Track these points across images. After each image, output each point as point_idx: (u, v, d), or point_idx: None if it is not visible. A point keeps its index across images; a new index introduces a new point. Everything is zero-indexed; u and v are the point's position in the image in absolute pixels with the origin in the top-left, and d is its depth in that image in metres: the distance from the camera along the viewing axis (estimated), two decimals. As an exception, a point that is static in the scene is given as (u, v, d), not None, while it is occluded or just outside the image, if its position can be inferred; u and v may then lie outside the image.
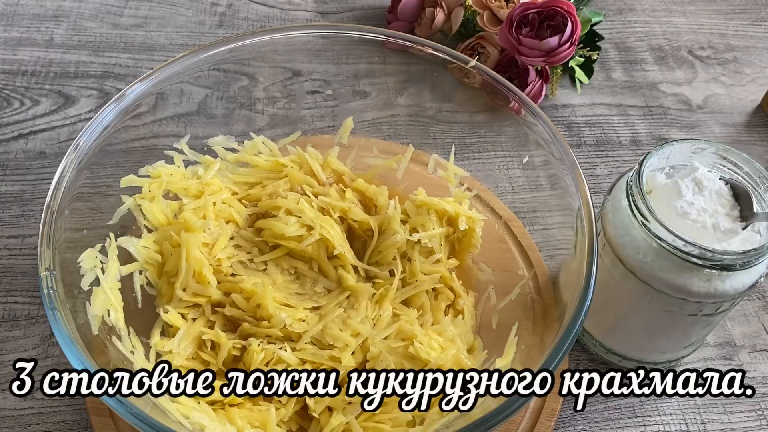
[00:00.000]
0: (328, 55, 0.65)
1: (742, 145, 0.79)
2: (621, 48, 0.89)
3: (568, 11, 0.72)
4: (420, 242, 0.58)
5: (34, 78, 0.78)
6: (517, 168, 0.60)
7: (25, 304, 0.60)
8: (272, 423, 0.49)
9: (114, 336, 0.48)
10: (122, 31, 0.85)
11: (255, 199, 0.61)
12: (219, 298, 0.54)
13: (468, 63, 0.57)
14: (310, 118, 0.66)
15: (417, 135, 0.65)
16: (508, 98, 0.55)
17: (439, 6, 0.81)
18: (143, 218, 0.55)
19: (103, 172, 0.52)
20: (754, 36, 0.93)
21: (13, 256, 0.63)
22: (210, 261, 0.55)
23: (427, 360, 0.51)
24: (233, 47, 0.57)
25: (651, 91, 0.84)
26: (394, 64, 0.64)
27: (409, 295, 0.57)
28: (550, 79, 0.79)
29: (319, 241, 0.57)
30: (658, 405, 0.58)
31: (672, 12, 0.96)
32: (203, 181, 0.58)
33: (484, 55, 0.78)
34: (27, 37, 0.83)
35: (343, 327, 0.53)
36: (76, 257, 0.48)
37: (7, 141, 0.72)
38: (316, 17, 0.90)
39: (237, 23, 0.88)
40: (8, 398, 0.55)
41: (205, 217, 0.56)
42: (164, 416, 0.44)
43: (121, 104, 0.52)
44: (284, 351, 0.51)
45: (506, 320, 0.55)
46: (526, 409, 0.54)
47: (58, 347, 0.58)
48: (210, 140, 0.61)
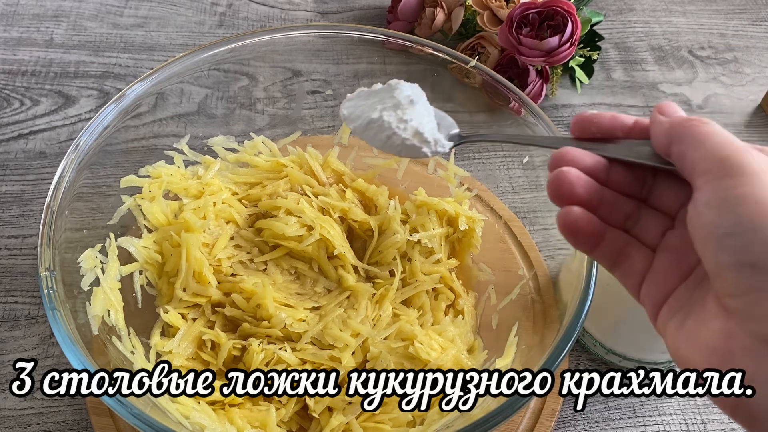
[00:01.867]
0: (328, 55, 0.64)
1: (742, 145, 0.79)
2: (621, 48, 0.89)
3: (568, 11, 0.72)
4: (420, 242, 0.58)
5: (34, 78, 0.78)
6: (517, 168, 0.60)
7: (25, 304, 0.60)
8: (272, 423, 0.49)
9: (114, 336, 0.48)
10: (122, 31, 0.85)
11: (255, 199, 0.61)
12: (219, 298, 0.54)
13: (468, 63, 0.57)
14: (310, 118, 0.66)
15: (417, 135, 0.65)
16: (508, 98, 0.55)
17: (439, 6, 0.81)
18: (143, 218, 0.55)
19: (103, 172, 0.52)
20: (754, 36, 0.93)
21: (13, 256, 0.63)
22: (210, 261, 0.55)
23: (427, 360, 0.51)
24: (233, 47, 0.57)
25: (651, 91, 0.84)
26: (394, 64, 0.64)
27: (409, 295, 0.57)
28: (550, 79, 0.79)
29: (319, 241, 0.57)
30: (658, 405, 0.58)
31: (672, 12, 0.96)
32: (203, 181, 0.58)
33: (484, 55, 0.78)
34: (27, 37, 0.83)
35: (343, 327, 0.53)
36: (76, 257, 0.48)
37: (7, 141, 0.72)
38: (316, 17, 0.90)
39: (237, 23, 0.88)
40: (8, 398, 0.55)
41: (205, 217, 0.56)
42: (164, 416, 0.44)
43: (121, 104, 0.52)
44: (284, 351, 0.51)
45: (506, 320, 0.55)
46: (526, 409, 0.54)
47: (58, 347, 0.58)
48: (210, 140, 0.61)
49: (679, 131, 0.31)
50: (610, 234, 0.34)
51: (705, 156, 0.30)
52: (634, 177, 0.35)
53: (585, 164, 0.34)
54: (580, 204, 0.34)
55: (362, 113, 0.44)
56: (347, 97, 0.46)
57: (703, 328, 0.29)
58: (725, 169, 0.29)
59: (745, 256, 0.27)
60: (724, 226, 0.28)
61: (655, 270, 0.33)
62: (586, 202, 0.34)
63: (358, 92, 0.45)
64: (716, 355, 0.28)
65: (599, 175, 0.35)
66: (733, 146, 0.29)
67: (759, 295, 0.27)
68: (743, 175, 0.28)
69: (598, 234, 0.34)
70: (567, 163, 0.35)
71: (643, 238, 0.35)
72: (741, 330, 0.27)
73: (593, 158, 0.35)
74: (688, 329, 0.30)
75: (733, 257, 0.27)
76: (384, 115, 0.43)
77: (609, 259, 0.35)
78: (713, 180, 0.29)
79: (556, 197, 0.34)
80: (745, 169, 0.28)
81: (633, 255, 0.34)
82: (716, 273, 0.29)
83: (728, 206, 0.28)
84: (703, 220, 0.29)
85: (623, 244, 0.35)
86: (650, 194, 0.35)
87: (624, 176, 0.35)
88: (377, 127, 0.43)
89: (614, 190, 0.35)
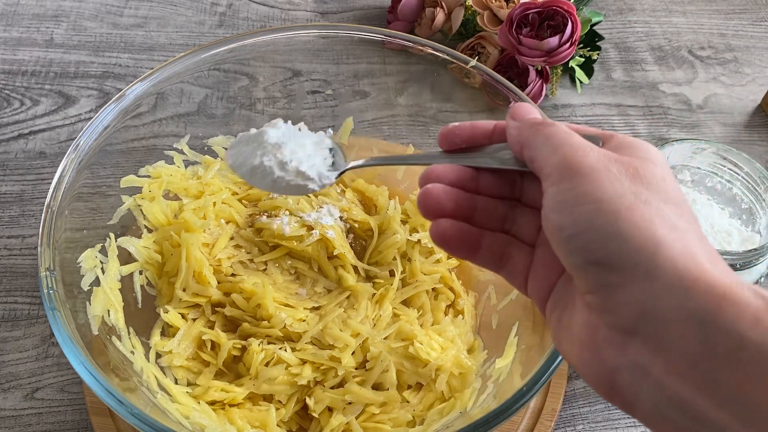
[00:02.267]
0: (328, 55, 0.64)
1: (742, 145, 0.79)
2: (621, 48, 0.89)
3: (568, 11, 0.72)
4: (420, 242, 0.58)
5: (34, 78, 0.78)
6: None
7: (25, 304, 0.60)
8: (272, 423, 0.49)
9: (114, 336, 0.48)
10: (122, 31, 0.85)
11: (255, 199, 0.61)
12: (219, 298, 0.54)
13: (468, 63, 0.57)
14: (310, 118, 0.66)
15: (417, 135, 0.65)
16: (508, 98, 0.55)
17: (439, 6, 0.81)
18: (143, 218, 0.55)
19: (103, 172, 0.52)
20: (754, 36, 0.93)
21: (13, 256, 0.63)
22: (210, 261, 0.55)
23: (427, 360, 0.51)
24: (233, 47, 0.57)
25: (651, 91, 0.84)
26: (394, 64, 0.64)
27: (409, 295, 0.57)
28: (550, 79, 0.79)
29: (319, 241, 0.57)
30: (658, 405, 0.58)
31: (672, 12, 0.95)
32: (203, 181, 0.58)
33: (484, 55, 0.78)
34: (27, 37, 0.83)
35: (343, 327, 0.53)
36: (76, 257, 0.48)
37: (7, 141, 0.72)
38: (316, 17, 0.90)
39: (237, 23, 0.88)
40: (8, 398, 0.55)
41: (205, 217, 0.56)
42: (164, 416, 0.44)
43: (121, 104, 0.52)
44: (284, 351, 0.51)
45: (506, 320, 0.55)
46: (526, 409, 0.54)
47: (58, 347, 0.58)
48: (210, 140, 0.61)
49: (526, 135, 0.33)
50: (487, 238, 0.36)
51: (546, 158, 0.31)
52: (504, 180, 0.36)
53: (451, 178, 0.36)
54: (450, 216, 0.35)
55: (245, 160, 0.44)
56: (231, 145, 0.47)
57: (574, 322, 0.31)
58: (562, 172, 0.30)
59: (589, 255, 0.28)
60: (567, 228, 0.29)
61: (536, 266, 0.35)
62: (456, 213, 0.35)
63: (239, 138, 0.46)
64: (586, 348, 0.30)
65: (468, 184, 0.36)
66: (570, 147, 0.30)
67: (608, 289, 0.28)
68: (579, 176, 0.29)
69: (472, 241, 0.35)
70: (433, 180, 0.36)
71: (522, 236, 0.36)
72: (601, 323, 0.29)
73: (460, 170, 0.36)
74: (565, 323, 0.31)
75: (580, 258, 0.29)
76: (264, 160, 0.43)
77: (492, 263, 0.36)
78: (554, 183, 0.30)
79: (425, 213, 0.36)
80: (581, 170, 0.29)
81: (514, 254, 0.35)
82: (571, 272, 0.30)
83: (567, 208, 0.29)
84: (550, 224, 0.30)
85: (503, 246, 0.36)
86: (522, 193, 0.36)
87: (493, 181, 0.36)
88: (261, 172, 0.43)
89: (487, 195, 0.36)
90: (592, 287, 0.29)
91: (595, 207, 0.28)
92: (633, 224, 0.27)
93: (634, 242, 0.27)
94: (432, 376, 0.51)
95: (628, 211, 0.28)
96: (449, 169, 0.36)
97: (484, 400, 0.47)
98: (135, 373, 0.47)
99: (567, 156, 0.30)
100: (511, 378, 0.47)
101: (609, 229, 0.28)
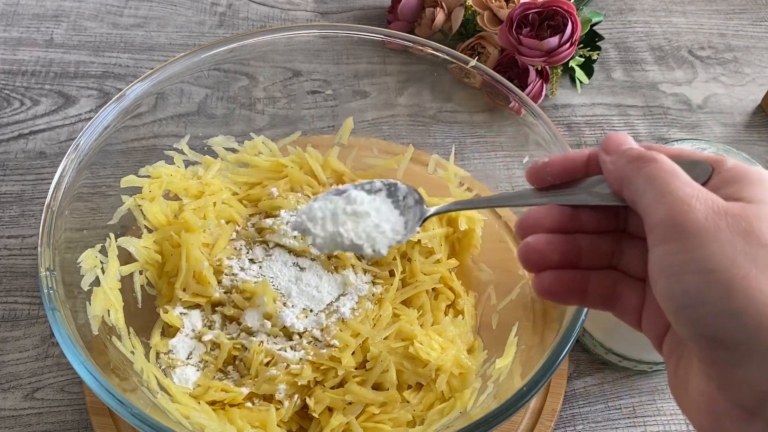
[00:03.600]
0: (328, 55, 0.64)
1: (742, 145, 0.79)
2: (621, 48, 0.89)
3: (568, 11, 0.72)
4: (420, 242, 0.58)
5: (34, 78, 0.78)
6: (517, 168, 0.60)
7: (25, 304, 0.60)
8: (272, 423, 0.49)
9: (114, 336, 0.48)
10: (122, 31, 0.85)
11: (255, 200, 0.61)
12: (219, 298, 0.54)
13: (468, 63, 0.57)
14: (310, 118, 0.66)
15: (417, 135, 0.65)
16: (508, 98, 0.55)
17: (439, 6, 0.81)
18: (143, 218, 0.55)
19: (103, 172, 0.52)
20: (754, 36, 0.93)
21: (13, 256, 0.63)
22: (210, 261, 0.55)
23: (427, 360, 0.51)
24: (233, 47, 0.57)
25: (651, 91, 0.84)
26: (394, 64, 0.64)
27: (409, 295, 0.57)
28: (550, 79, 0.79)
29: (319, 241, 0.57)
30: (658, 405, 0.58)
31: (672, 12, 0.96)
32: (203, 181, 0.58)
33: (484, 55, 0.78)
34: (27, 37, 0.83)
35: (343, 327, 0.53)
36: (76, 257, 0.48)
37: (7, 141, 0.72)
38: (316, 17, 0.90)
39: (237, 23, 0.88)
40: (8, 398, 0.55)
41: (205, 217, 0.56)
42: (164, 416, 0.44)
43: (121, 104, 0.52)
44: (284, 351, 0.51)
45: (506, 320, 0.55)
46: (526, 409, 0.54)
47: (58, 347, 0.58)
48: (210, 140, 0.61)
49: (625, 173, 0.30)
50: (594, 280, 0.33)
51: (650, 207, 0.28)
52: (606, 214, 0.34)
53: (550, 222, 0.34)
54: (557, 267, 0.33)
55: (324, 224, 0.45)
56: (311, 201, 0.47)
57: (691, 384, 0.29)
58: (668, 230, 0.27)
59: (702, 330, 0.26)
60: (677, 298, 0.27)
61: (648, 305, 0.33)
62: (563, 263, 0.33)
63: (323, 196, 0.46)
64: (705, 415, 0.28)
65: (568, 225, 0.34)
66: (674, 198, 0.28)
67: (726, 366, 0.26)
68: (686, 237, 0.27)
69: (578, 288, 0.33)
70: (531, 228, 0.34)
71: (631, 270, 0.33)
72: (720, 396, 0.27)
73: (558, 212, 0.34)
74: (681, 377, 0.30)
75: (693, 330, 0.27)
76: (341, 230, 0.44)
77: (601, 304, 0.34)
78: (660, 243, 0.28)
79: (530, 269, 0.34)
80: (688, 230, 0.27)
81: (624, 293, 0.33)
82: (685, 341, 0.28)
83: (675, 275, 0.27)
84: (659, 289, 0.28)
85: (611, 285, 0.34)
86: (627, 224, 0.34)
87: (595, 216, 0.34)
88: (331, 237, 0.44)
89: (590, 233, 0.34)
90: (709, 360, 0.27)
91: (705, 279, 0.26)
92: (748, 298, 0.25)
93: (751, 319, 0.25)
94: (432, 376, 0.51)
95: (743, 281, 0.25)
96: (546, 213, 0.33)
97: (484, 400, 0.47)
98: (135, 373, 0.47)
99: (672, 211, 0.27)
100: (511, 378, 0.47)
101: (722, 306, 0.25)
